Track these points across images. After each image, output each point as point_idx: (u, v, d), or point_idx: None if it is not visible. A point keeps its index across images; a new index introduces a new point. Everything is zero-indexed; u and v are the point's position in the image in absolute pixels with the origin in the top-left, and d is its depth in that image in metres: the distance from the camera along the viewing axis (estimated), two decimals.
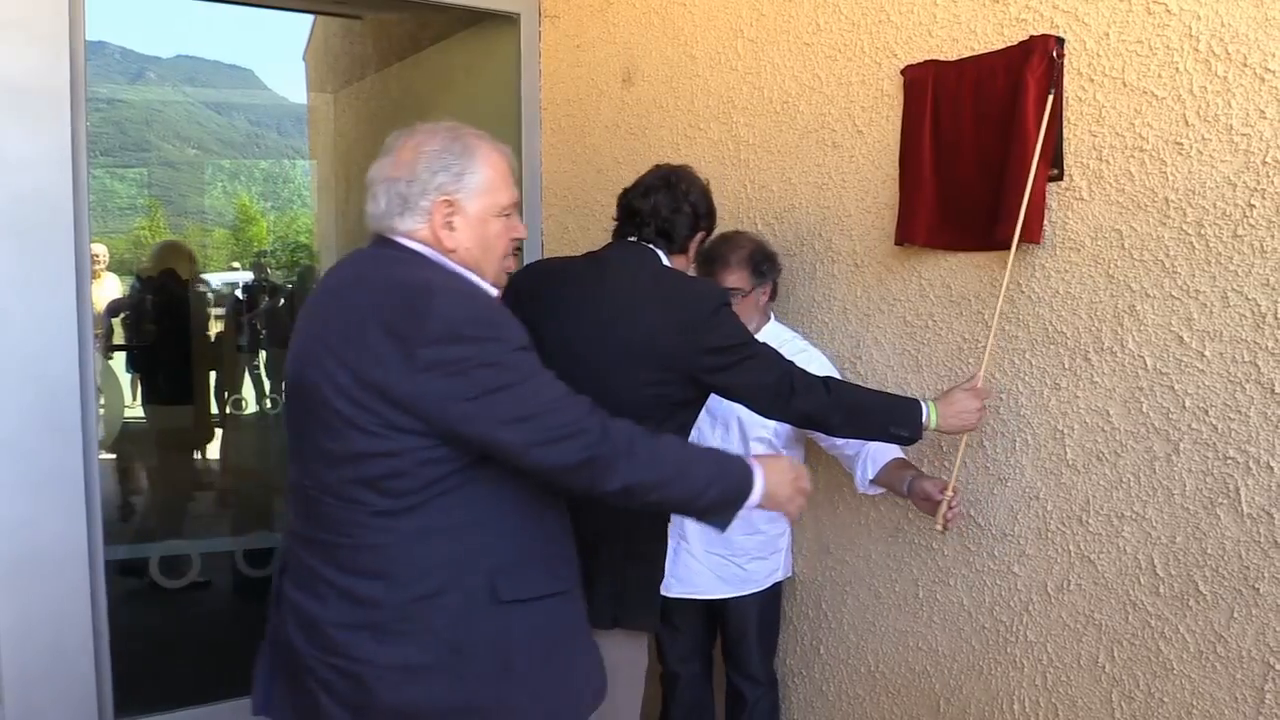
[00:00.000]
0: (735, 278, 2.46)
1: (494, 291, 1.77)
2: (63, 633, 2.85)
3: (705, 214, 2.34)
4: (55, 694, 2.82)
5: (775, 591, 2.66)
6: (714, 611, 2.65)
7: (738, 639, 2.65)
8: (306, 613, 1.66)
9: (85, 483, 2.85)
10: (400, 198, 1.67)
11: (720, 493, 1.74)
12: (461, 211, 1.69)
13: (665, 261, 2.25)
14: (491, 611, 1.63)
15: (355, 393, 1.57)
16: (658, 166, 2.35)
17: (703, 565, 2.54)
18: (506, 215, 1.76)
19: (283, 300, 7.87)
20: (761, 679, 2.67)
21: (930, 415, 2.15)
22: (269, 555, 4.39)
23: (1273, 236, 1.75)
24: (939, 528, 2.17)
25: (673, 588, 2.51)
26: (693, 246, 2.35)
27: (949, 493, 2.15)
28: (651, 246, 2.26)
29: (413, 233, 1.69)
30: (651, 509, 1.93)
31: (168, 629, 4.15)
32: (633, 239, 2.28)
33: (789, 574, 2.70)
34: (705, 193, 2.35)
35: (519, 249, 2.33)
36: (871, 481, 2.36)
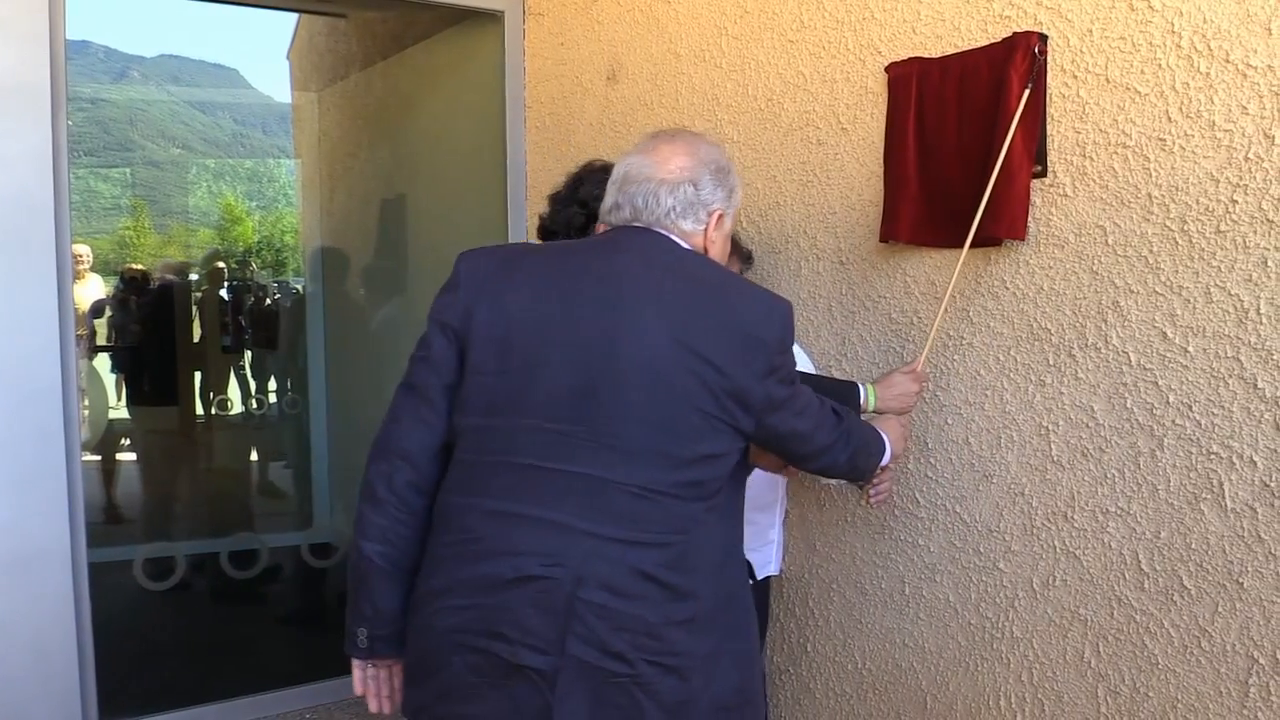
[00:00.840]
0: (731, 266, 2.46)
1: None
2: (46, 635, 2.83)
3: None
4: (39, 696, 2.80)
5: (765, 586, 2.65)
6: None
7: None
8: (633, 617, 1.57)
9: (68, 484, 2.84)
10: (689, 202, 1.74)
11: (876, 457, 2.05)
12: (723, 227, 1.82)
13: None
14: (748, 594, 1.79)
15: (720, 394, 1.63)
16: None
17: None
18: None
19: (268, 300, 7.84)
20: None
21: (869, 398, 2.19)
22: (253, 557, 4.37)
23: (1255, 232, 1.75)
24: (864, 502, 2.31)
25: None
26: None
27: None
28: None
29: (690, 235, 1.76)
30: (855, 476, 2.07)
31: (153, 631, 4.13)
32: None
33: (779, 570, 2.69)
34: (599, 178, 2.30)
35: None
36: None
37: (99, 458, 6.27)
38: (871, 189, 2.39)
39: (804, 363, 2.45)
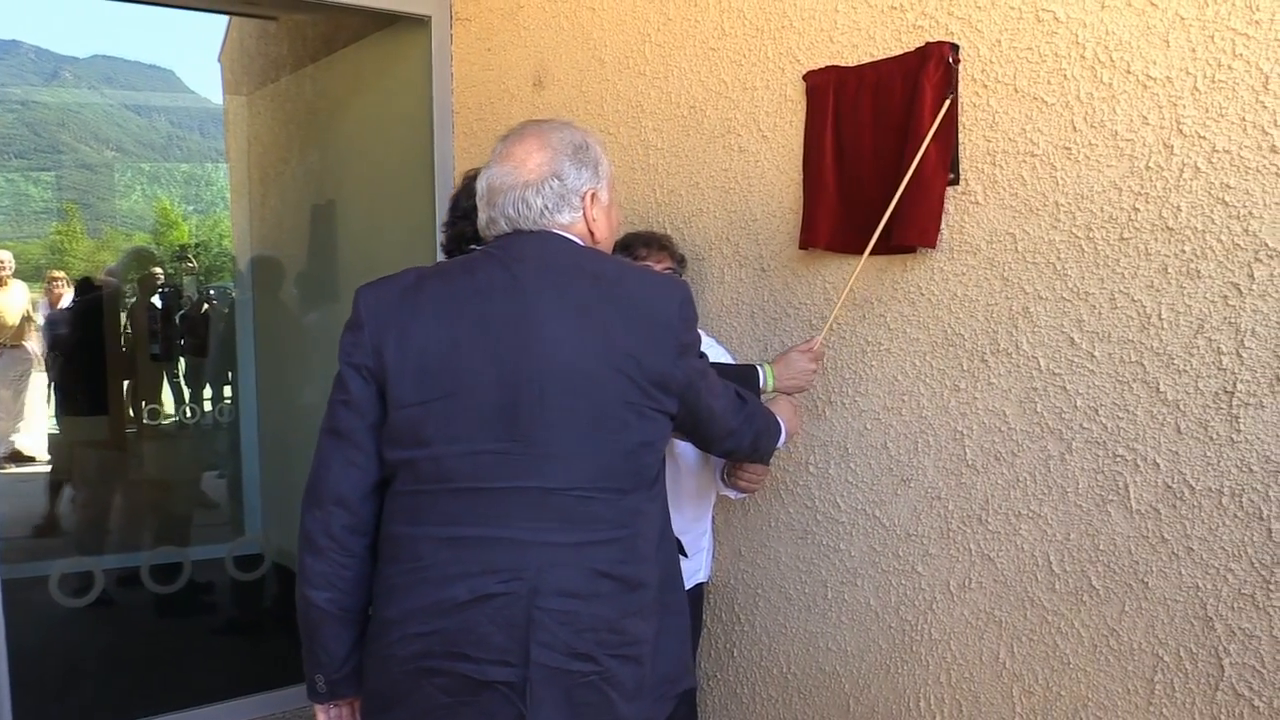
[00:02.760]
0: (666, 264, 2.50)
1: None
2: None
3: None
4: None
5: (697, 594, 2.65)
6: None
7: None
8: (594, 616, 1.60)
9: None
10: (557, 195, 1.72)
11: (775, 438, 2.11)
12: (598, 201, 1.79)
13: None
14: (679, 571, 1.85)
15: (642, 382, 1.65)
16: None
17: None
18: (618, 199, 1.94)
19: (205, 306, 7.71)
20: None
21: (767, 378, 2.24)
22: (176, 571, 4.27)
23: (1156, 240, 1.79)
24: (735, 483, 2.38)
25: None
26: None
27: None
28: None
29: (570, 226, 1.75)
30: (758, 458, 2.12)
31: (72, 649, 4.03)
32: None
33: (709, 577, 2.70)
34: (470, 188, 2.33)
35: None
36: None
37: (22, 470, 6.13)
38: (791, 196, 2.41)
39: (720, 354, 2.47)
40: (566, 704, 1.58)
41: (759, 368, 2.25)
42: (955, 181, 2.08)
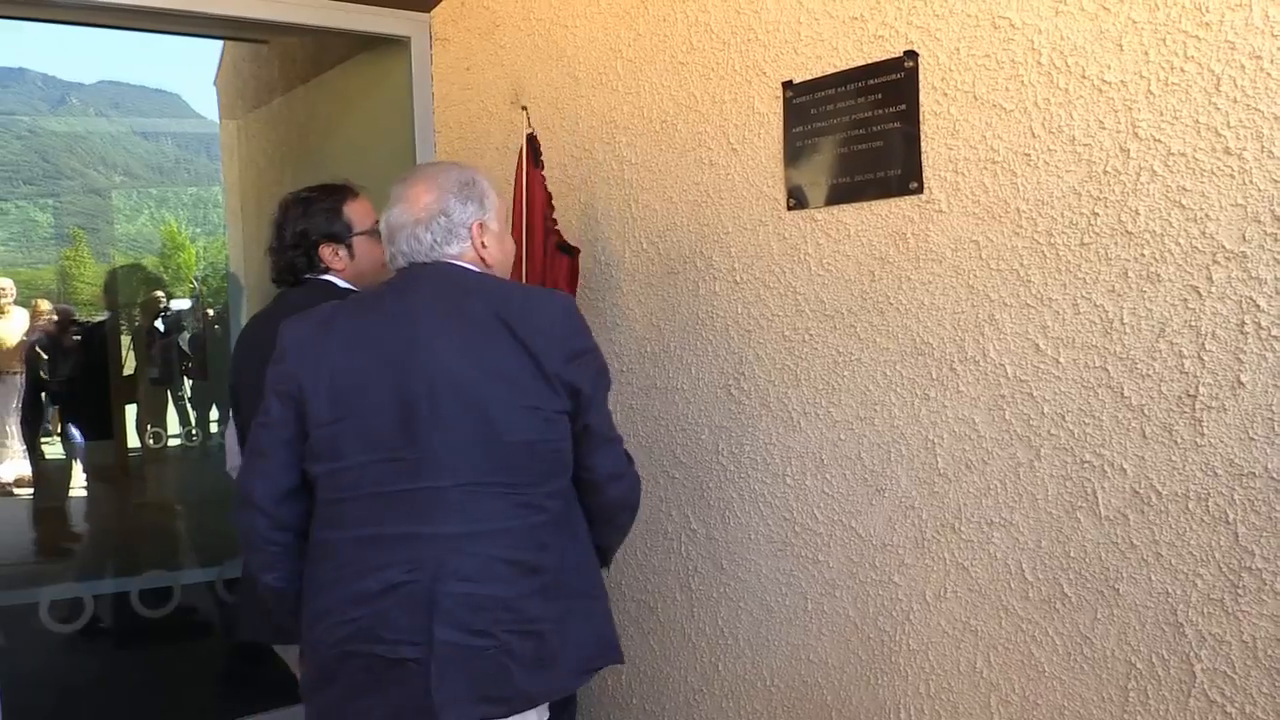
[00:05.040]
0: None
1: None
2: None
3: (307, 230, 2.46)
4: None
5: None
6: None
7: None
8: (488, 597, 1.79)
9: None
10: (444, 230, 1.92)
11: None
12: (488, 230, 1.97)
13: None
14: (593, 561, 2.02)
15: (530, 387, 1.82)
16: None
17: None
18: (509, 227, 2.11)
19: (217, 327, 7.73)
20: None
21: None
22: (166, 595, 4.27)
23: (1115, 244, 1.79)
24: None
25: None
26: (333, 259, 2.46)
27: None
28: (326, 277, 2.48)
29: (460, 255, 1.94)
30: (608, 538, 2.14)
31: (60, 676, 4.03)
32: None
33: None
34: (293, 212, 2.47)
35: None
36: None
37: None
38: (761, 209, 2.41)
39: None
40: (467, 675, 1.77)
41: None
42: (919, 190, 2.08)
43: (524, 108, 2.82)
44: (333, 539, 1.85)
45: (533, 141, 2.77)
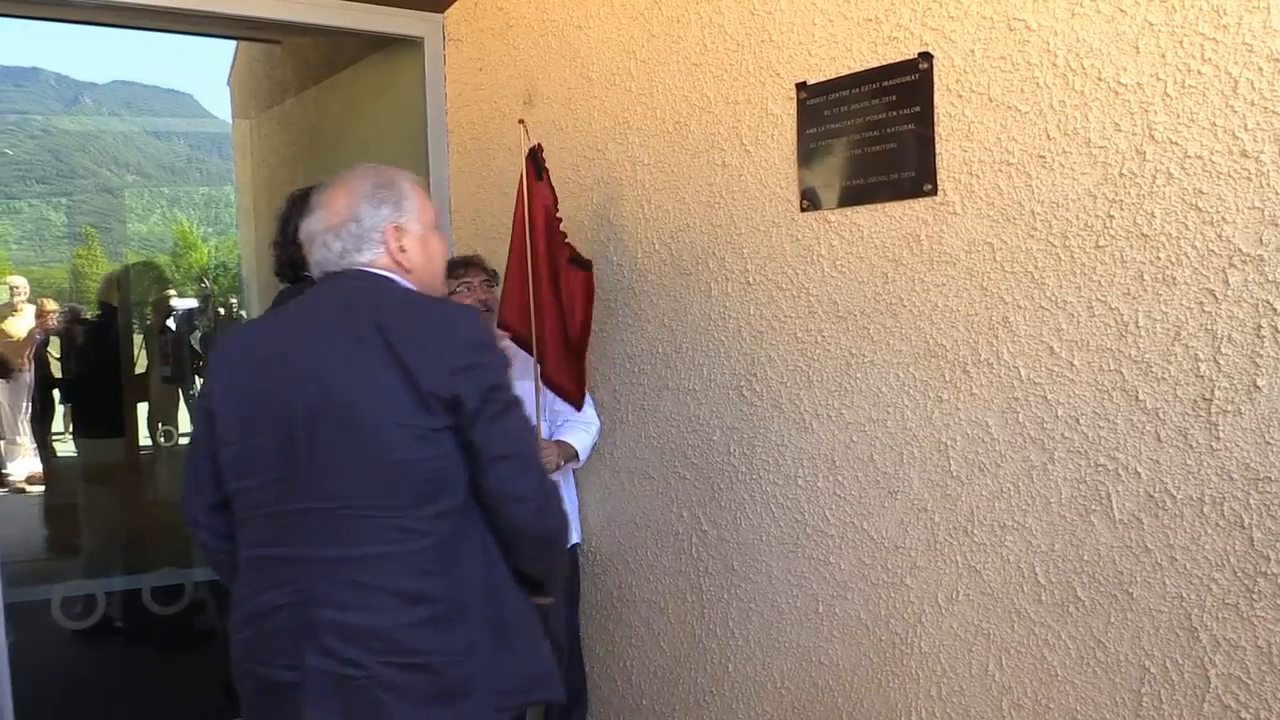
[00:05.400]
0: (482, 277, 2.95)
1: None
2: None
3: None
4: None
5: (574, 556, 3.04)
6: None
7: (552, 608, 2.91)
8: (361, 627, 1.71)
9: None
10: (355, 237, 1.83)
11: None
12: (408, 233, 1.86)
13: None
14: (510, 587, 1.85)
15: (403, 405, 1.70)
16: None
17: None
18: (437, 229, 1.96)
19: (215, 327, 7.76)
20: (567, 644, 3.01)
21: None
22: (178, 592, 4.29)
23: (1131, 246, 1.78)
24: None
25: None
26: None
27: None
28: None
29: (374, 263, 1.84)
30: (526, 568, 1.96)
31: (73, 672, 4.04)
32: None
33: (580, 538, 3.10)
34: (295, 209, 2.41)
35: None
36: None
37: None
38: (774, 210, 2.41)
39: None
40: (339, 704, 1.71)
41: None
42: (933, 192, 2.07)
43: (521, 121, 2.81)
44: (241, 556, 1.85)
45: (535, 155, 2.74)
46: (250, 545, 1.82)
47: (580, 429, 2.96)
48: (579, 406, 2.87)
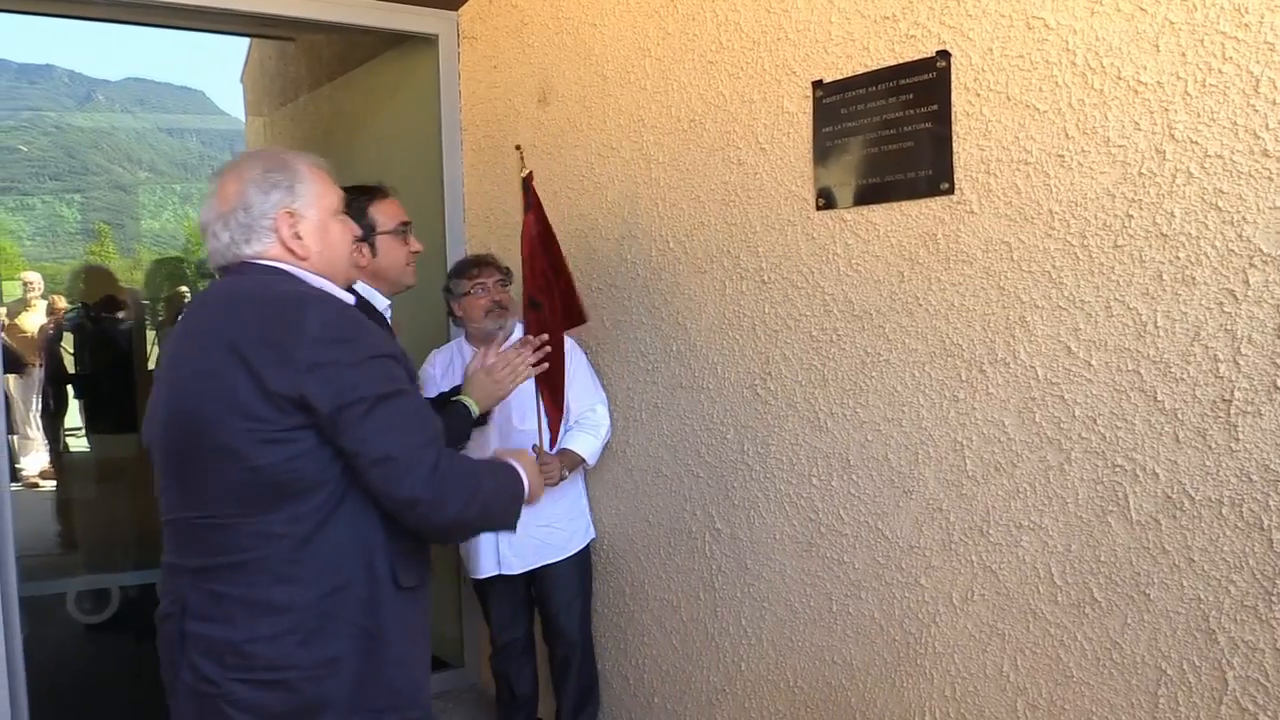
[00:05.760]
0: (497, 278, 2.98)
1: (350, 298, 1.84)
2: None
3: None
4: None
5: (587, 553, 3.10)
6: (534, 585, 3.07)
7: (565, 604, 3.01)
8: (218, 640, 1.64)
9: None
10: (243, 226, 1.73)
11: (512, 510, 1.89)
12: (304, 219, 1.76)
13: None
14: (395, 597, 1.73)
15: (248, 408, 1.60)
16: None
17: (533, 538, 2.95)
18: (342, 214, 1.84)
19: None
20: (580, 641, 3.05)
21: (472, 407, 2.42)
22: None
23: (1150, 246, 1.77)
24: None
25: (513, 565, 2.97)
26: (356, 258, 2.58)
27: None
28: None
29: (264, 253, 1.74)
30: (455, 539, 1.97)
31: (87, 666, 4.06)
32: None
33: (593, 535, 3.12)
34: None
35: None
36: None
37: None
38: (789, 208, 2.40)
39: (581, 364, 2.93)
40: (199, 718, 1.68)
41: (464, 401, 2.42)
42: (950, 190, 2.07)
43: (518, 147, 2.85)
44: None
45: (525, 185, 2.73)
46: (164, 552, 1.78)
47: (588, 433, 2.96)
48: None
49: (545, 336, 2.65)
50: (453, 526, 1.73)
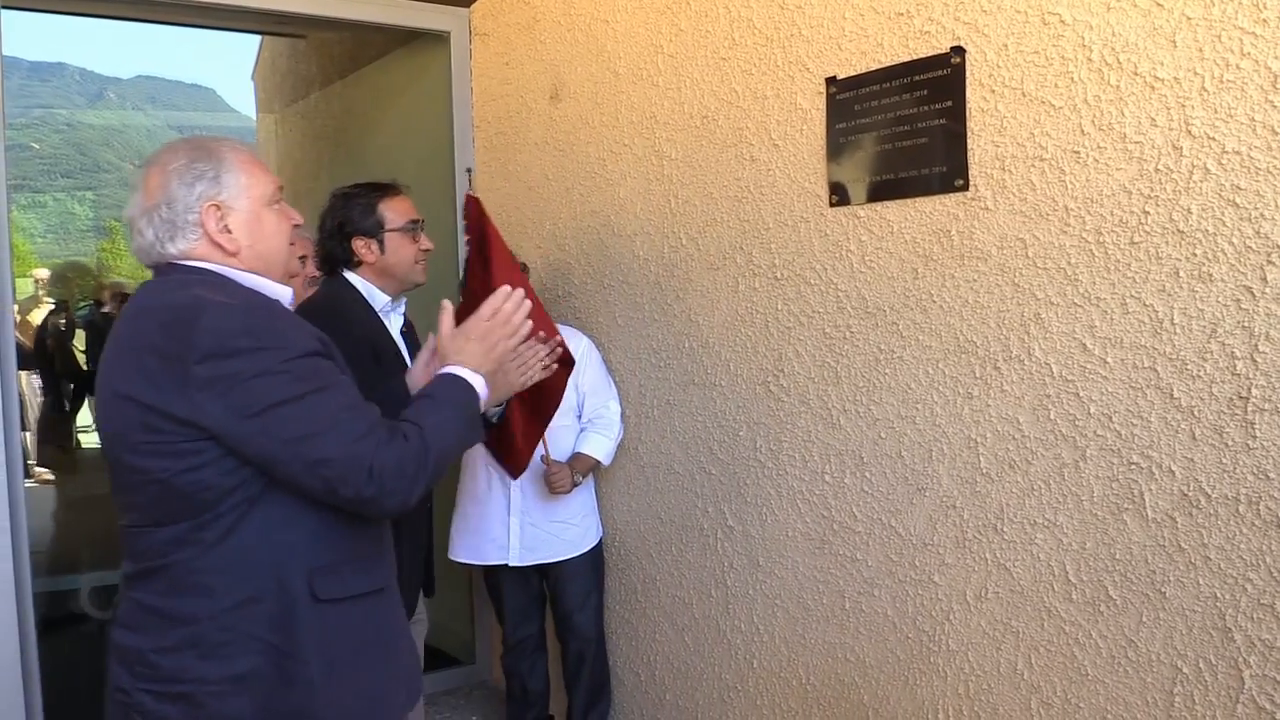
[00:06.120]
0: None
1: (285, 291, 1.72)
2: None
3: (344, 223, 2.50)
4: None
5: (600, 550, 3.13)
6: (547, 582, 3.08)
7: (580, 601, 3.02)
8: (129, 648, 1.60)
9: (10, 513, 2.81)
10: (166, 222, 1.62)
11: (470, 429, 1.73)
12: (232, 211, 1.64)
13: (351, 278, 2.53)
14: (312, 612, 1.60)
15: (150, 422, 1.53)
16: None
17: (546, 533, 2.97)
18: (277, 203, 1.72)
19: None
20: (594, 638, 3.06)
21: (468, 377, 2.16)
22: None
23: (1166, 243, 1.76)
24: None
25: (524, 557, 2.97)
26: (365, 252, 2.51)
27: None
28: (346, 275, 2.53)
29: (189, 252, 1.63)
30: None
31: (101, 661, 4.06)
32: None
33: (602, 534, 3.14)
34: (335, 204, 2.52)
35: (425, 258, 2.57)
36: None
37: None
38: (802, 205, 2.40)
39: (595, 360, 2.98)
40: None
41: (452, 371, 1.98)
42: (964, 187, 2.06)
43: (469, 170, 2.85)
44: None
45: (467, 207, 2.77)
46: None
47: (601, 434, 2.97)
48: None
49: (560, 339, 2.49)
50: (416, 498, 1.60)
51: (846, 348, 2.34)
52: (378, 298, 2.49)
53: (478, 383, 1.74)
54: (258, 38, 7.08)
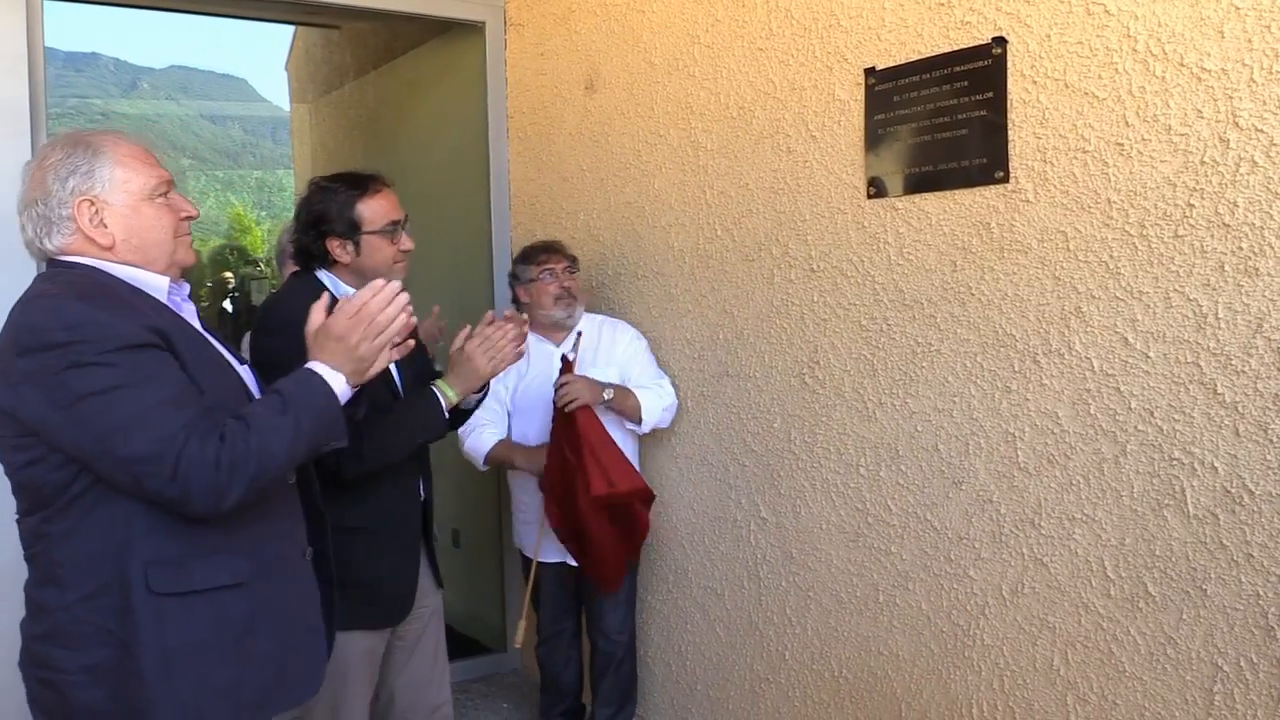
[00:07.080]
0: (564, 265, 2.94)
1: (162, 282, 1.67)
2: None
3: (319, 219, 2.28)
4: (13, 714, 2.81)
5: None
6: (583, 580, 3.01)
7: (614, 603, 2.98)
8: (22, 634, 1.65)
9: None
10: (42, 219, 1.60)
11: (327, 428, 1.65)
12: (106, 206, 1.61)
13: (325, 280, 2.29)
14: (148, 604, 1.56)
15: None
16: None
17: None
18: (163, 196, 1.68)
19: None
20: (626, 640, 3.03)
21: (448, 394, 2.19)
22: None
23: (1212, 236, 1.74)
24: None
25: (548, 553, 2.95)
26: (339, 252, 2.28)
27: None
28: (318, 274, 2.32)
29: (66, 247, 1.61)
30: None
31: None
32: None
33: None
34: (312, 197, 2.31)
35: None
36: None
37: None
38: (839, 196, 2.39)
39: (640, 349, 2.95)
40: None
41: (434, 389, 2.20)
42: (1005, 179, 2.04)
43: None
44: None
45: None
46: None
47: (653, 392, 2.88)
48: None
49: (525, 318, 2.49)
50: (232, 501, 1.52)
51: (883, 340, 2.33)
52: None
53: (337, 381, 1.64)
54: (291, 28, 7.12)
